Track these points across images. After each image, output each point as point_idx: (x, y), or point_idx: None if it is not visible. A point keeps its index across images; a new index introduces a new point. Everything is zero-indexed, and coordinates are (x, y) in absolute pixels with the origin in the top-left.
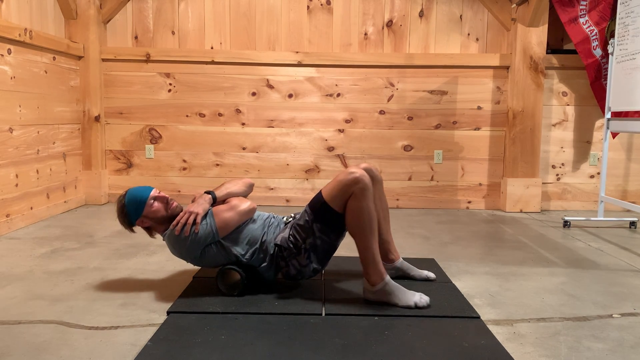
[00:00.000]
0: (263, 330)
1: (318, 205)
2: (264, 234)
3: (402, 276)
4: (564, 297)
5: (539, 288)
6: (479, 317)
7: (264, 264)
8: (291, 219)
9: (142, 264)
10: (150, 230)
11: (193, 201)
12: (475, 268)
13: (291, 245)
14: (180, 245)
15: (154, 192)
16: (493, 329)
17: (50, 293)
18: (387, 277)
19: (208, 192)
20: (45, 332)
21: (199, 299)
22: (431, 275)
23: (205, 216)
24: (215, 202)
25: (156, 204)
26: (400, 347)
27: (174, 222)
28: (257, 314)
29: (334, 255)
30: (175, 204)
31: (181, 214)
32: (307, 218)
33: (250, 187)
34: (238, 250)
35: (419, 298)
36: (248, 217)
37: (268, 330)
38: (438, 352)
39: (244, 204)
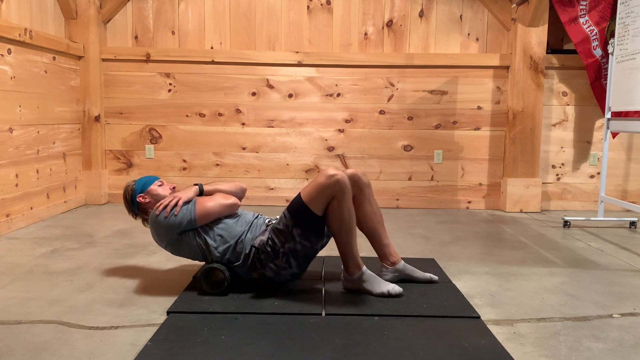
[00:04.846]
0: (263, 330)
1: (297, 209)
2: (243, 232)
3: (404, 279)
4: (564, 297)
5: (539, 288)
6: (479, 317)
7: (238, 263)
8: (275, 221)
9: (142, 264)
10: (145, 210)
11: None
12: (475, 268)
13: (269, 249)
14: (159, 226)
15: (162, 180)
16: (493, 329)
17: (50, 293)
18: (364, 268)
19: (196, 184)
20: (45, 332)
21: (199, 299)
22: (434, 277)
23: (187, 203)
24: (202, 194)
25: (162, 187)
26: (400, 347)
27: (157, 204)
28: (257, 314)
29: (335, 255)
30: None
31: (165, 197)
32: (286, 222)
33: (242, 191)
34: (211, 242)
35: (392, 287)
36: (229, 211)
37: (268, 330)
38: (438, 352)
39: (228, 200)
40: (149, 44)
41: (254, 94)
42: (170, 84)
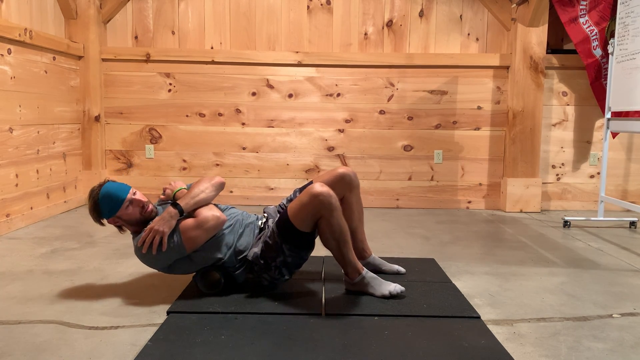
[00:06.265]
0: (263, 330)
1: (285, 226)
2: (235, 238)
3: (373, 271)
4: (564, 297)
5: (539, 288)
6: (479, 317)
7: (233, 267)
8: (264, 219)
9: (142, 264)
10: (120, 228)
11: (164, 194)
12: (475, 268)
13: (262, 262)
14: (148, 259)
15: (130, 195)
16: (493, 329)
17: (50, 293)
18: (364, 271)
19: (174, 204)
20: (45, 332)
21: (199, 299)
22: (401, 269)
23: (172, 233)
24: (182, 214)
25: (131, 208)
26: (400, 347)
27: (140, 240)
28: (257, 314)
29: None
30: (150, 207)
31: (146, 231)
32: (276, 239)
33: (221, 187)
34: (206, 261)
35: (393, 287)
36: (216, 231)
37: (268, 330)
38: (438, 352)
39: (211, 220)
40: (149, 44)
41: (254, 94)
42: (170, 84)
